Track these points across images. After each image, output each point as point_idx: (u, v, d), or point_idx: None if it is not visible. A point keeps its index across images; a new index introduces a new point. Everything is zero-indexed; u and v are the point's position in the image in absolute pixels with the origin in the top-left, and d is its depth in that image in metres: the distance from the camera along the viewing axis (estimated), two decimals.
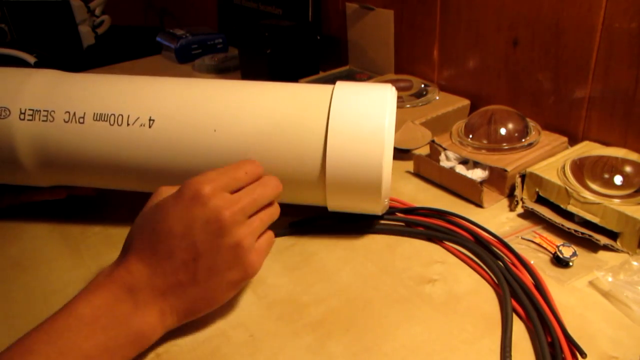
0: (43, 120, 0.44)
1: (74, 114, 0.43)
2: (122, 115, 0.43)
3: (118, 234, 0.51)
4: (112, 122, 0.43)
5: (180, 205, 0.36)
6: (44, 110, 0.44)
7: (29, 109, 0.44)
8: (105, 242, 0.50)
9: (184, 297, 0.36)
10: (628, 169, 0.48)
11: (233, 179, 0.38)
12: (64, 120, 0.44)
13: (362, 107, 0.41)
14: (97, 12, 1.22)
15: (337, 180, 0.42)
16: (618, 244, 0.45)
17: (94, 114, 0.43)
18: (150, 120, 0.43)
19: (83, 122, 0.43)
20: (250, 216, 0.37)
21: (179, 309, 0.36)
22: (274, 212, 0.40)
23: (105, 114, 0.43)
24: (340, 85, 0.43)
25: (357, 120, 0.41)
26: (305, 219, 0.50)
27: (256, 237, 0.38)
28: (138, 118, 0.43)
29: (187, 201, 0.35)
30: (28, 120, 0.44)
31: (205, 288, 0.36)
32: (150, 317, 0.35)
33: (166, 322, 0.36)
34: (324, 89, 0.44)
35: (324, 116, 0.41)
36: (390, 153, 0.42)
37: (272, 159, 0.42)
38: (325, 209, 0.46)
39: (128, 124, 0.43)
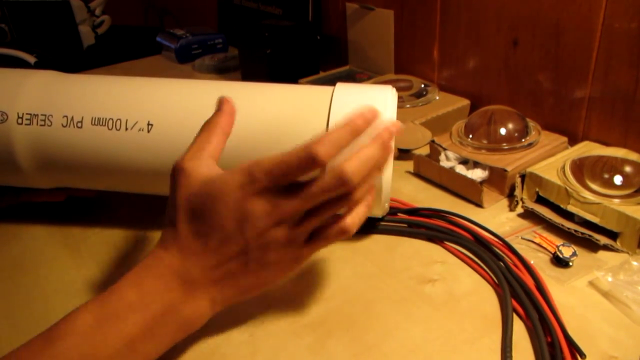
0: (41, 125, 0.44)
1: (72, 118, 0.43)
2: (120, 120, 0.43)
3: (118, 234, 0.51)
4: (110, 127, 0.43)
5: (239, 192, 0.32)
6: (42, 115, 0.44)
7: (27, 113, 0.44)
8: (105, 242, 0.50)
9: (236, 286, 0.35)
10: (628, 169, 0.48)
11: (309, 191, 0.32)
12: (62, 124, 0.43)
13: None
14: (97, 12, 1.22)
15: None
16: (618, 244, 0.45)
17: (92, 118, 0.43)
18: (148, 124, 0.42)
19: (81, 127, 0.43)
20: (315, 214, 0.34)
21: (229, 295, 0.35)
22: (337, 238, 0.35)
23: (103, 119, 0.43)
24: (341, 86, 0.43)
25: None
26: None
27: (309, 232, 0.34)
28: (136, 123, 0.43)
29: (242, 194, 0.32)
30: (26, 124, 0.44)
31: (257, 277, 0.35)
32: (201, 306, 0.34)
33: (215, 309, 0.35)
34: (324, 90, 0.44)
35: (324, 118, 0.41)
36: (390, 155, 0.42)
37: None
38: None
39: (127, 129, 0.43)
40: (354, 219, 0.35)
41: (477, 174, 0.53)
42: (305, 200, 0.33)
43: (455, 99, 0.69)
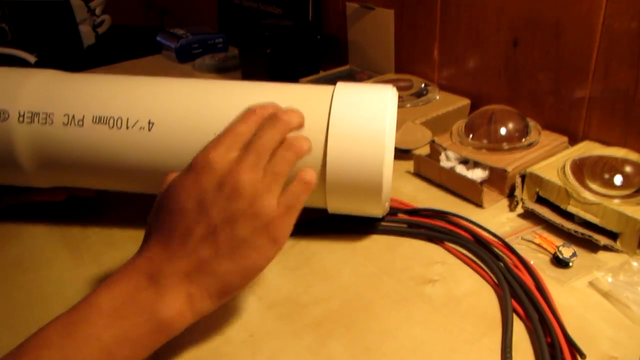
0: (42, 123, 0.44)
1: (73, 116, 0.43)
2: (121, 118, 0.43)
3: (118, 234, 0.51)
4: (111, 125, 0.42)
5: (189, 178, 0.34)
6: (43, 113, 0.44)
7: (28, 112, 0.44)
8: (105, 242, 0.50)
9: (212, 275, 0.33)
10: (628, 169, 0.48)
11: (236, 135, 0.35)
12: (63, 123, 0.43)
13: (362, 109, 0.41)
14: (98, 11, 1.22)
15: (338, 183, 0.42)
16: (618, 245, 0.45)
17: (93, 116, 0.43)
18: (149, 123, 0.42)
19: (82, 125, 0.43)
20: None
21: (210, 288, 0.33)
22: (290, 154, 0.36)
23: (104, 117, 0.43)
24: (341, 86, 0.43)
25: (358, 122, 0.41)
26: (306, 220, 0.50)
27: (276, 191, 0.34)
28: (137, 121, 0.43)
29: (195, 173, 0.34)
30: (27, 122, 0.44)
31: (234, 260, 0.33)
32: (176, 302, 0.32)
33: (196, 306, 0.33)
34: (325, 89, 0.44)
35: (324, 118, 0.41)
36: (391, 155, 0.42)
37: None
38: (325, 210, 0.46)
39: (127, 127, 0.43)
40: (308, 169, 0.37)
41: (477, 174, 0.53)
42: (249, 152, 0.34)
43: (456, 98, 0.69)
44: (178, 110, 0.43)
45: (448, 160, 0.56)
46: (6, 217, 0.54)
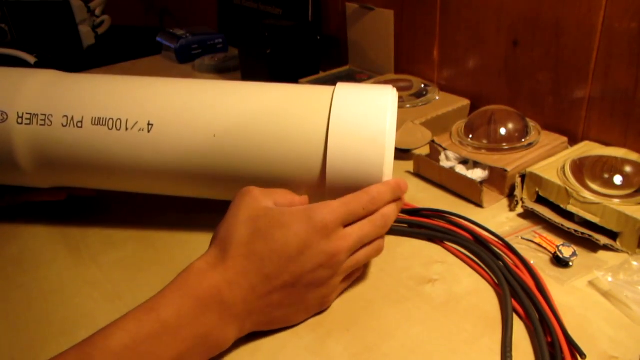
0: (41, 125, 0.44)
1: (72, 117, 0.43)
2: (120, 120, 0.42)
3: (118, 234, 0.51)
4: (110, 127, 0.42)
5: (304, 226, 0.35)
6: (42, 114, 0.44)
7: (27, 113, 0.44)
8: (106, 242, 0.50)
9: (267, 318, 0.36)
10: (628, 169, 0.48)
11: (352, 215, 0.37)
12: (62, 124, 0.43)
13: (363, 109, 0.41)
14: (97, 12, 1.22)
15: (337, 184, 0.41)
16: (618, 244, 0.45)
17: (92, 118, 0.43)
18: (149, 125, 0.42)
19: (81, 127, 0.43)
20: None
21: (256, 326, 0.36)
22: (372, 254, 0.39)
23: (103, 118, 0.43)
24: (341, 87, 0.43)
25: (358, 123, 0.41)
26: None
27: (347, 273, 0.39)
28: (137, 123, 0.42)
29: (312, 226, 0.35)
30: (26, 124, 0.44)
31: (287, 312, 0.36)
32: (231, 332, 0.34)
33: (240, 336, 0.35)
34: (325, 90, 0.44)
35: (324, 118, 0.41)
36: (391, 156, 0.42)
37: (272, 162, 0.42)
38: None
39: (127, 129, 0.42)
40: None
41: (477, 174, 0.53)
42: (359, 239, 0.37)
43: (455, 99, 0.69)
44: (177, 111, 0.43)
45: (448, 160, 0.56)
46: (6, 217, 0.54)
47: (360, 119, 0.41)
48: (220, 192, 0.45)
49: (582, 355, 0.34)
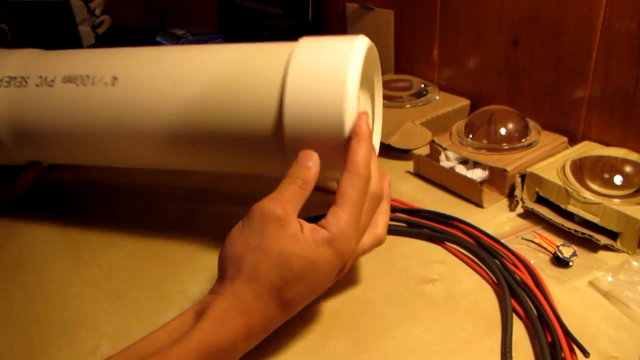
0: (18, 86, 0.46)
1: (45, 78, 0.45)
2: (88, 76, 0.43)
3: (118, 234, 0.51)
4: (78, 83, 0.43)
5: (334, 270, 0.34)
6: (20, 77, 0.46)
7: (7, 77, 0.47)
8: (106, 242, 0.50)
9: (272, 327, 0.35)
10: (628, 169, 0.48)
11: (360, 211, 0.36)
12: (36, 84, 0.45)
13: (326, 50, 0.38)
14: (97, 12, 1.22)
15: (297, 130, 0.37)
16: (618, 244, 0.45)
17: (63, 77, 0.44)
18: (113, 78, 0.43)
19: (53, 85, 0.44)
20: None
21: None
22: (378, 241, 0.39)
23: (72, 76, 0.44)
24: (306, 38, 0.40)
25: (319, 61, 0.37)
26: (306, 218, 0.50)
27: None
28: (102, 77, 0.43)
29: (338, 264, 0.34)
30: (5, 86, 0.46)
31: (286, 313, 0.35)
32: (243, 351, 0.34)
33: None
34: (289, 44, 0.41)
35: (283, 63, 0.38)
36: (355, 100, 0.36)
37: (230, 111, 0.39)
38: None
39: (93, 84, 0.43)
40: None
41: (477, 174, 0.53)
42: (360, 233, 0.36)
43: (455, 99, 0.69)
44: (140, 64, 0.44)
45: (448, 160, 0.56)
46: (7, 217, 0.54)
47: (322, 58, 0.37)
48: (189, 156, 0.44)
49: (586, 354, 0.34)
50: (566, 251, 0.43)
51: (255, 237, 0.33)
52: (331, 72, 0.36)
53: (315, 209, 0.40)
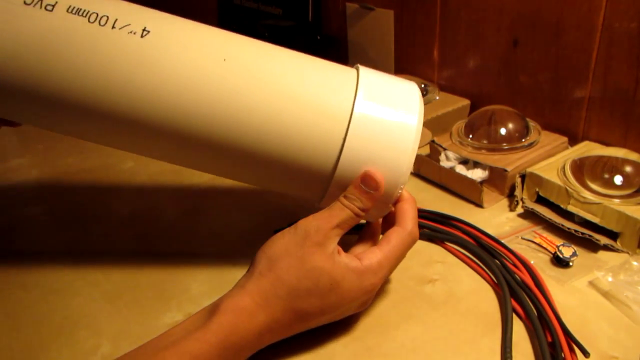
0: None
1: None
2: (107, 17, 0.33)
3: (118, 234, 0.51)
4: (92, 20, 0.32)
5: (359, 295, 0.35)
6: None
7: None
8: (105, 242, 0.50)
9: (281, 333, 0.36)
10: (628, 169, 0.48)
11: (397, 262, 0.38)
12: (25, 1, 0.32)
13: (391, 99, 0.37)
14: None
15: (348, 172, 0.36)
16: (618, 244, 0.45)
17: (70, 6, 0.33)
18: (144, 30, 0.33)
19: (52, 10, 0.32)
20: None
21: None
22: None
23: (84, 10, 0.33)
24: (364, 71, 0.39)
25: (386, 111, 0.36)
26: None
27: None
28: (129, 24, 0.33)
29: (359, 291, 0.35)
30: None
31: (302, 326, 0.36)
32: (251, 350, 0.34)
33: None
34: (348, 70, 0.39)
35: (349, 101, 0.36)
36: (413, 157, 0.36)
37: (284, 124, 0.35)
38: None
39: (113, 27, 0.33)
40: None
41: (477, 174, 0.53)
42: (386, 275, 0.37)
43: (455, 99, 0.69)
44: (183, 28, 0.35)
45: (448, 160, 0.56)
46: (6, 217, 0.54)
47: (389, 108, 0.36)
48: (221, 160, 0.37)
49: (586, 354, 0.34)
50: (566, 251, 0.43)
51: (295, 246, 0.34)
52: (398, 127, 0.35)
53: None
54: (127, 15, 0.33)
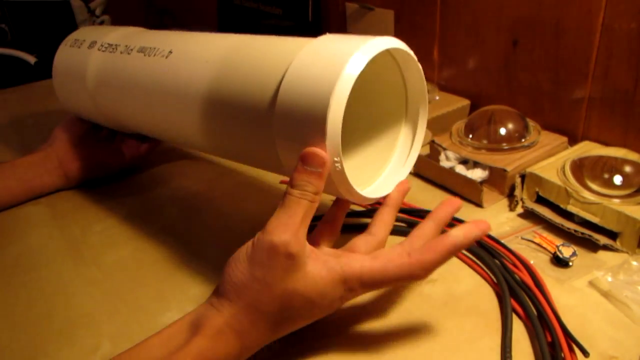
0: (110, 52, 0.54)
1: (127, 46, 0.53)
2: (152, 48, 0.50)
3: (118, 234, 0.51)
4: (146, 53, 0.50)
5: (337, 296, 0.34)
6: (114, 44, 0.54)
7: (107, 43, 0.55)
8: (106, 242, 0.50)
9: (262, 346, 0.35)
10: (628, 169, 0.48)
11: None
12: (120, 51, 0.53)
13: (337, 45, 0.35)
14: (98, 12, 1.22)
15: (285, 111, 0.35)
16: (618, 244, 0.45)
17: (140, 47, 0.51)
18: (169, 52, 0.48)
19: (130, 53, 0.51)
20: None
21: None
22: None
23: (145, 47, 0.51)
24: (329, 35, 0.38)
25: (324, 55, 0.35)
26: None
27: None
28: (162, 50, 0.49)
29: (345, 292, 0.34)
30: (102, 51, 0.55)
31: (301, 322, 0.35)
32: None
33: None
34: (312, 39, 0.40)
35: (292, 54, 0.37)
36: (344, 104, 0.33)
37: (238, 84, 0.40)
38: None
39: (154, 55, 0.49)
40: None
41: (477, 174, 0.53)
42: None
43: (455, 99, 0.69)
44: (187, 44, 0.48)
45: (448, 160, 0.56)
46: (7, 217, 0.54)
47: (328, 53, 0.35)
48: (212, 133, 0.44)
49: (586, 353, 0.34)
50: (566, 251, 0.43)
51: (261, 269, 0.32)
52: (322, 77, 0.34)
53: None
54: (163, 44, 0.50)
